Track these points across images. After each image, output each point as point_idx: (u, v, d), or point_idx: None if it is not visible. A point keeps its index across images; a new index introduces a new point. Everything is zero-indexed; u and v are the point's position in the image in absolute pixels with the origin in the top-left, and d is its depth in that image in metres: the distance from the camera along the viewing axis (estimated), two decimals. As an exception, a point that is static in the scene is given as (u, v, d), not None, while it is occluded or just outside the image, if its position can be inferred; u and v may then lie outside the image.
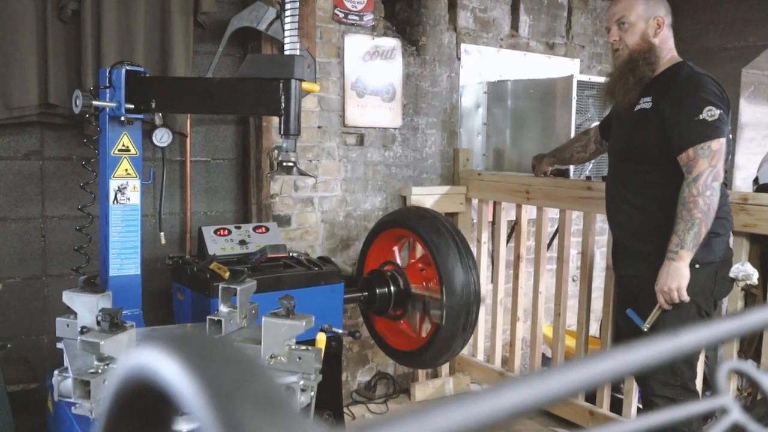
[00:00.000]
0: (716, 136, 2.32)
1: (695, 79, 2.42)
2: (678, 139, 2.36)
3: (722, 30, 5.02)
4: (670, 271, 2.34)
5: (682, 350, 0.42)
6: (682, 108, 2.37)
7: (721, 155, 2.33)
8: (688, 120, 2.34)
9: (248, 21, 3.22)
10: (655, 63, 2.51)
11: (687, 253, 2.32)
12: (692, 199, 2.31)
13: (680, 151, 2.35)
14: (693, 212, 2.30)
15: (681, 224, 2.32)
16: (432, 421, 0.34)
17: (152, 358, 0.32)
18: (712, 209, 2.32)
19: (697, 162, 2.31)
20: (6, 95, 2.82)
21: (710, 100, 2.33)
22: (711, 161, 2.31)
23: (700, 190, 2.30)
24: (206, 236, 3.10)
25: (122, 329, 1.95)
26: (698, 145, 2.31)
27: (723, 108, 2.35)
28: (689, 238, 2.31)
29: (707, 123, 2.31)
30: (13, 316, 3.01)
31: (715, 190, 2.32)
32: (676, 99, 2.40)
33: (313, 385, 2.08)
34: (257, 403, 0.29)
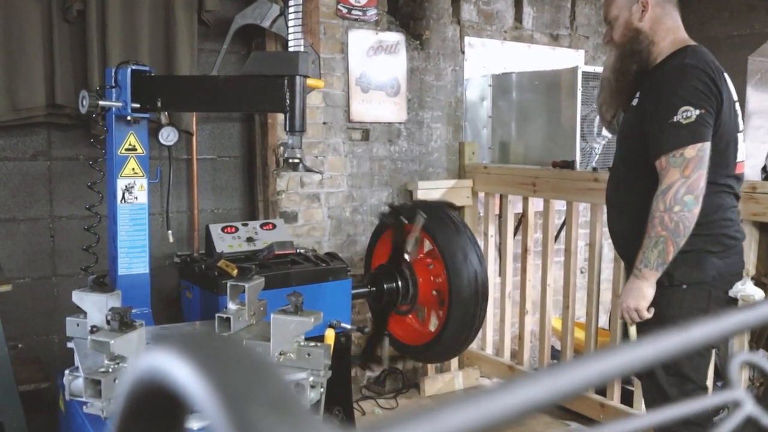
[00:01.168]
0: (691, 142, 2.02)
1: (677, 72, 2.11)
2: (651, 144, 2.11)
3: (727, 18, 4.98)
4: (632, 289, 2.15)
5: (692, 344, 0.42)
6: (657, 108, 2.10)
7: (698, 163, 2.02)
8: (661, 122, 2.06)
9: (252, 18, 3.22)
10: (648, 48, 2.21)
11: (650, 272, 2.10)
12: (658, 214, 2.05)
13: (654, 158, 2.09)
14: (657, 229, 2.05)
15: (646, 240, 2.09)
16: (444, 419, 0.34)
17: (164, 359, 0.32)
18: (684, 226, 2.03)
19: (668, 171, 2.04)
20: (13, 96, 2.83)
21: (687, 99, 2.03)
22: (683, 171, 2.02)
23: (668, 205, 2.03)
24: (214, 234, 3.11)
25: (132, 328, 1.96)
26: (669, 153, 2.04)
27: (707, 106, 2.04)
28: (653, 256, 2.08)
29: (681, 126, 2.02)
30: (24, 316, 3.03)
31: (687, 205, 2.03)
32: (653, 97, 2.13)
33: (322, 381, 2.09)
34: (269, 404, 0.29)
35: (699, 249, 2.14)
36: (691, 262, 2.14)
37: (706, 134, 2.04)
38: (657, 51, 2.21)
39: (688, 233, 2.04)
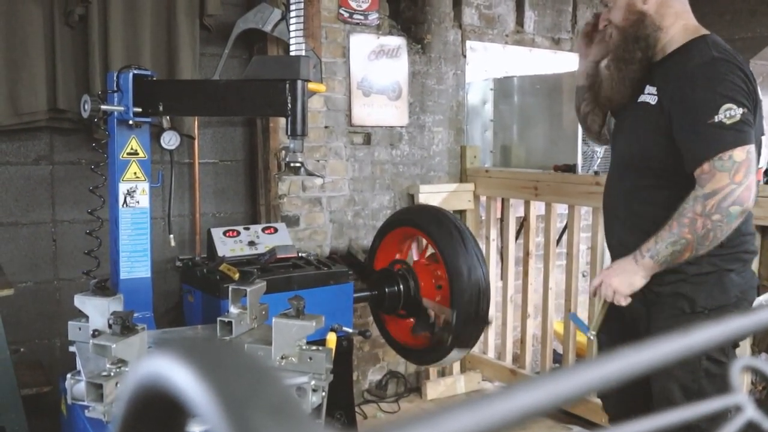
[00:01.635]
0: (740, 143, 1.76)
1: (711, 68, 1.85)
2: (689, 149, 1.84)
3: (729, 21, 4.99)
4: (624, 271, 1.92)
5: (695, 349, 0.42)
6: (692, 107, 1.83)
7: (749, 168, 1.76)
8: (700, 124, 1.80)
9: (253, 23, 3.22)
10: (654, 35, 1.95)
11: (654, 266, 1.88)
12: (691, 215, 1.79)
13: (693, 165, 1.82)
14: (684, 230, 1.80)
15: (666, 233, 1.83)
16: (446, 423, 0.34)
17: (165, 364, 0.32)
18: (714, 238, 1.79)
19: (714, 176, 1.76)
20: (15, 101, 2.84)
21: (730, 96, 1.78)
22: (734, 176, 1.75)
23: (708, 210, 1.77)
24: (215, 238, 3.11)
25: (134, 332, 1.96)
26: (715, 157, 1.76)
27: (748, 105, 1.80)
28: (665, 253, 1.84)
29: (725, 127, 1.76)
30: (26, 320, 3.03)
31: (730, 217, 1.76)
32: (684, 94, 1.85)
33: (324, 385, 2.08)
34: (270, 409, 0.29)
35: (721, 269, 1.92)
36: (713, 284, 1.92)
37: (752, 136, 1.80)
38: (666, 38, 1.95)
39: (713, 246, 1.82)
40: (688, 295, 1.92)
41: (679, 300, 1.94)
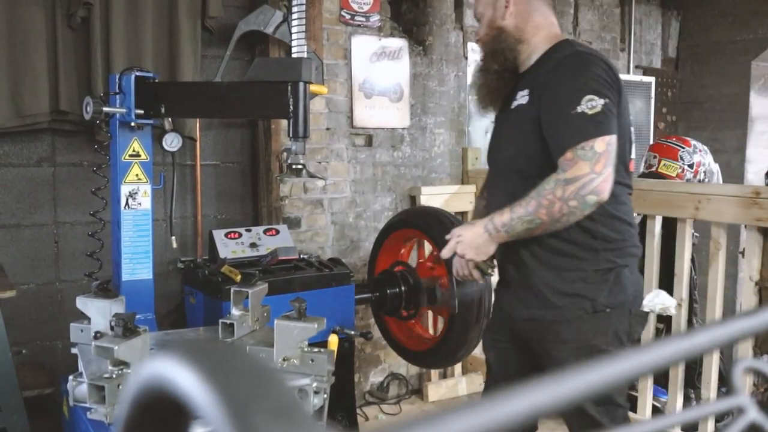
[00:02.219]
0: (600, 134, 1.80)
1: (574, 60, 1.91)
2: (553, 139, 1.88)
3: (731, 23, 4.99)
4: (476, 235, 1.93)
5: (697, 350, 0.42)
6: (556, 98, 1.87)
7: (608, 159, 1.80)
8: (563, 114, 1.83)
9: (255, 25, 3.23)
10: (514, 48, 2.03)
11: (500, 235, 1.90)
12: (551, 197, 1.81)
13: (558, 154, 1.84)
14: (540, 211, 1.82)
15: (521, 209, 1.85)
16: (448, 425, 0.34)
17: (168, 366, 0.32)
18: (564, 224, 1.84)
19: (577, 163, 1.79)
20: (17, 103, 2.84)
21: (591, 86, 1.83)
22: (594, 166, 1.78)
23: (567, 195, 1.79)
24: (217, 239, 3.12)
25: (136, 334, 1.96)
26: (577, 146, 1.79)
27: (611, 96, 1.85)
28: (519, 229, 1.87)
29: (587, 117, 1.80)
30: (28, 322, 3.03)
31: (585, 205, 1.80)
32: (550, 86, 1.91)
33: (326, 387, 2.08)
34: (273, 411, 0.29)
35: (618, 265, 1.96)
36: (612, 281, 1.95)
37: (614, 126, 1.84)
38: (529, 49, 2.03)
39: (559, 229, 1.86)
40: (590, 295, 1.94)
41: (581, 301, 1.95)
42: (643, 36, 5.09)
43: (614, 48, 4.87)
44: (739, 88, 4.94)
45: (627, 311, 1.98)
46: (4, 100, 2.81)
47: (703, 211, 2.87)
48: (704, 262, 3.06)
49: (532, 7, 2.04)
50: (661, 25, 5.23)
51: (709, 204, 2.84)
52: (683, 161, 3.46)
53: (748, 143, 4.94)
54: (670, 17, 5.25)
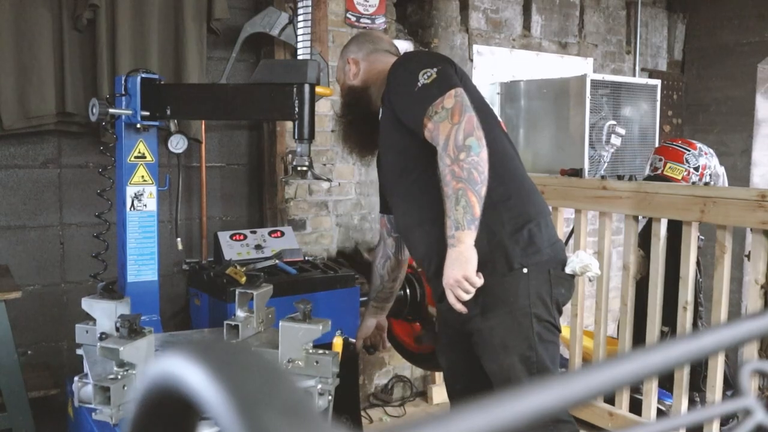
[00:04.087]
0: (445, 90, 1.91)
1: (400, 59, 2.14)
2: (411, 120, 1.99)
3: (737, 26, 4.98)
4: (453, 260, 1.88)
5: (704, 351, 0.42)
6: (398, 89, 2.03)
7: (462, 107, 1.89)
8: (409, 95, 1.97)
9: (261, 26, 3.23)
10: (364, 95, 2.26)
11: (465, 233, 1.87)
12: (447, 170, 1.87)
13: (420, 131, 1.95)
14: (452, 184, 1.86)
15: (447, 203, 1.88)
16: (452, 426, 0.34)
17: (176, 365, 0.33)
18: (478, 172, 1.86)
19: (439, 128, 1.89)
20: (24, 104, 2.85)
21: (421, 64, 1.99)
22: (452, 119, 1.88)
23: (453, 156, 1.86)
24: (222, 241, 3.12)
25: (141, 335, 1.97)
26: (430, 112, 1.91)
27: (441, 64, 1.99)
28: (460, 215, 1.86)
29: (428, 86, 1.93)
30: (34, 323, 3.04)
31: (473, 149, 1.85)
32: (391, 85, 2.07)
33: (330, 388, 2.08)
34: (282, 410, 0.29)
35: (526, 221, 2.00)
36: (524, 240, 1.98)
37: (455, 81, 1.95)
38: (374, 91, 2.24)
39: (485, 180, 1.87)
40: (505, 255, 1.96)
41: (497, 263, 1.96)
42: (649, 39, 5.08)
43: (620, 50, 4.87)
44: (745, 91, 4.93)
45: (546, 271, 2.00)
46: (10, 102, 2.82)
47: (709, 214, 2.86)
48: (710, 266, 3.05)
49: (371, 61, 2.27)
50: (667, 28, 5.22)
51: (714, 207, 2.84)
52: (689, 164, 3.45)
53: (753, 146, 4.92)
54: (676, 20, 5.25)
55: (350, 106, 2.32)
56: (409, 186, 2.12)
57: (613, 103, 3.89)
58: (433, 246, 2.05)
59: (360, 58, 2.28)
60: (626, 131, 3.87)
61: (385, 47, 2.33)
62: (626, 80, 4.02)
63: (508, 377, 2.00)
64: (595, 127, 3.77)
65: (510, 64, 4.26)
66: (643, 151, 4.05)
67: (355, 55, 2.29)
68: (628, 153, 4.01)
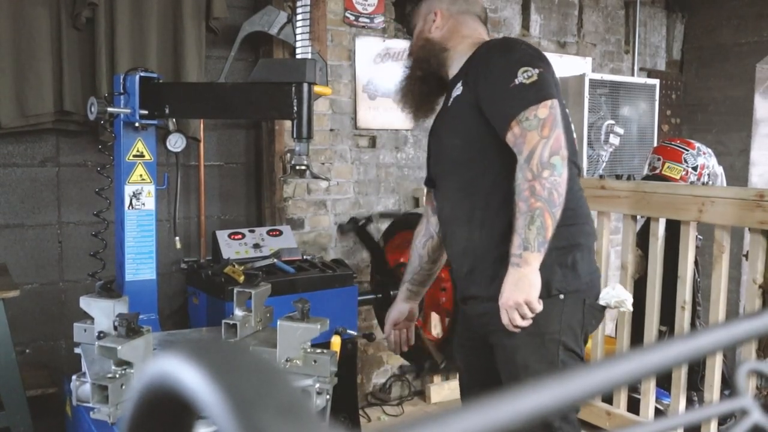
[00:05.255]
0: (542, 99, 1.79)
1: (501, 42, 2.01)
2: (497, 116, 1.86)
3: (736, 26, 4.98)
4: (516, 282, 1.76)
5: (701, 352, 0.42)
6: (492, 78, 1.87)
7: (554, 122, 1.79)
8: (503, 90, 1.83)
9: (260, 25, 3.23)
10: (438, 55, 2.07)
11: (533, 255, 1.76)
12: (527, 185, 1.76)
13: (503, 131, 1.83)
14: (530, 201, 1.75)
15: (520, 220, 1.77)
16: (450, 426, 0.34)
17: (173, 365, 0.33)
18: (557, 194, 1.76)
19: (525, 137, 1.78)
20: (22, 103, 2.85)
21: (525, 60, 1.84)
22: (542, 131, 1.77)
23: (536, 172, 1.75)
24: (220, 240, 3.12)
25: (139, 334, 1.97)
26: (521, 116, 1.79)
27: (544, 67, 1.85)
28: (532, 235, 1.75)
29: (525, 87, 1.80)
30: (32, 322, 3.04)
31: (556, 168, 1.76)
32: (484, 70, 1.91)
33: (328, 388, 2.08)
34: (279, 410, 0.29)
35: (573, 244, 1.89)
36: (566, 264, 1.88)
37: (553, 92, 1.83)
38: (452, 56, 2.07)
39: (562, 203, 1.77)
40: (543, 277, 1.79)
41: None
42: (648, 38, 5.09)
43: (618, 50, 4.87)
44: (743, 91, 4.93)
45: (581, 301, 1.90)
46: (8, 101, 2.82)
47: (707, 214, 2.86)
48: (708, 265, 3.06)
49: (458, 21, 2.10)
50: (665, 28, 5.22)
51: (712, 207, 2.84)
52: (687, 164, 3.45)
53: (752, 146, 4.93)
54: (674, 19, 5.25)
55: (420, 62, 2.13)
56: (467, 180, 1.98)
57: (612, 103, 3.89)
58: (473, 249, 1.97)
59: (449, 12, 2.10)
60: (625, 131, 3.87)
61: (477, 11, 2.16)
62: (625, 80, 4.02)
63: None
64: (594, 126, 3.78)
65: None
66: (641, 150, 4.05)
67: (445, 8, 2.10)
68: (627, 152, 4.01)
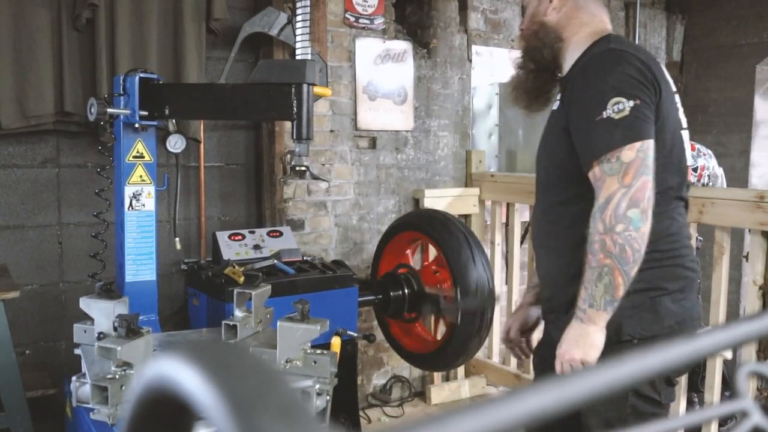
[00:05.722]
0: (628, 141, 1.60)
1: (601, 59, 1.72)
2: (580, 150, 1.70)
3: (735, 27, 4.98)
4: (577, 337, 1.65)
5: (701, 354, 0.42)
6: (582, 103, 1.69)
7: (639, 167, 1.59)
8: (588, 122, 1.65)
9: (260, 26, 3.23)
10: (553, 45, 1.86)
11: (598, 314, 1.62)
12: (597, 237, 1.60)
13: (587, 168, 1.67)
14: (599, 257, 1.60)
15: (588, 273, 1.63)
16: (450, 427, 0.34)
17: (172, 366, 0.32)
18: (632, 250, 1.58)
19: (605, 182, 1.61)
20: (22, 104, 2.85)
21: (619, 88, 1.63)
22: (623, 179, 1.59)
23: (608, 225, 1.59)
24: (220, 241, 3.12)
25: (139, 335, 1.97)
26: (603, 158, 1.61)
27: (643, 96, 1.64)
28: (598, 293, 1.61)
29: (613, 123, 1.61)
30: (32, 323, 3.04)
31: (633, 222, 1.58)
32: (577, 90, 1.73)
33: (328, 389, 2.08)
34: (277, 412, 0.29)
35: (653, 287, 1.71)
36: (645, 307, 1.70)
37: (646, 130, 1.63)
38: (567, 47, 1.85)
39: (638, 259, 1.60)
40: (615, 319, 1.65)
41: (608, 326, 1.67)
42: (648, 39, 5.09)
43: (618, 51, 4.87)
44: (743, 92, 4.93)
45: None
46: (9, 102, 2.82)
47: (707, 215, 2.86)
48: (708, 266, 3.06)
49: (578, 4, 1.86)
50: (665, 29, 5.22)
51: (713, 208, 2.84)
52: None
53: (752, 147, 4.93)
54: (674, 21, 5.25)
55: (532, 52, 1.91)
56: (549, 206, 1.87)
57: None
58: (551, 278, 1.87)
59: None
60: (625, 132, 3.86)
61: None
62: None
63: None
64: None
65: (509, 64, 4.26)
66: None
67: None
68: (627, 154, 4.01)
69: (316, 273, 3.00)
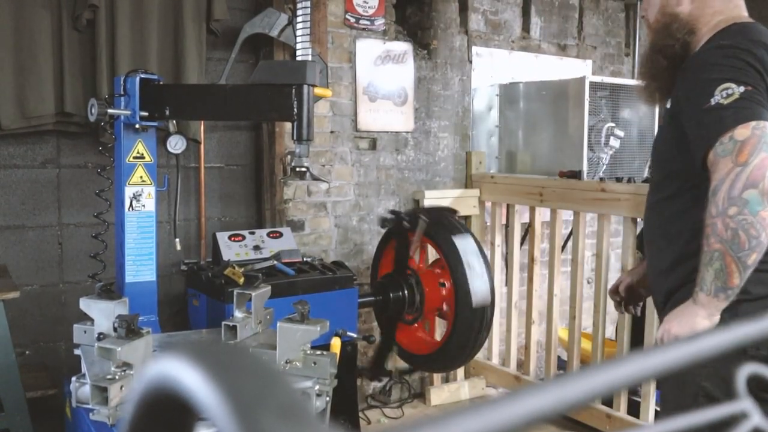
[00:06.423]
0: (742, 121, 1.51)
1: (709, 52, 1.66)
2: (692, 143, 1.62)
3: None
4: (683, 314, 1.60)
5: (702, 356, 0.42)
6: (690, 96, 1.63)
7: (757, 144, 1.48)
8: (699, 111, 1.58)
9: (260, 27, 3.24)
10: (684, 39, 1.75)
11: (708, 299, 1.54)
12: (710, 221, 1.52)
13: (701, 160, 1.59)
14: (710, 241, 1.52)
15: (702, 256, 1.56)
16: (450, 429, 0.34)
17: (173, 366, 0.33)
18: (747, 236, 1.47)
19: (717, 164, 1.52)
20: (23, 104, 2.85)
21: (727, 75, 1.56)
22: (738, 157, 1.49)
23: (720, 208, 1.49)
24: (221, 242, 3.12)
25: (139, 335, 1.97)
26: (715, 143, 1.53)
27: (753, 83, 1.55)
28: (709, 277, 1.53)
29: (722, 107, 1.53)
30: (32, 323, 3.04)
31: (749, 204, 1.46)
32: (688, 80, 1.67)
33: (328, 389, 2.08)
34: (279, 412, 0.29)
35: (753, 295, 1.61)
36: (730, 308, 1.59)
37: (759, 113, 1.52)
38: (699, 40, 1.75)
39: (758, 246, 1.48)
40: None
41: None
42: (648, 41, 5.09)
43: (619, 53, 4.87)
44: None
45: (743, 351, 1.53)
46: (9, 102, 2.82)
47: (707, 217, 2.86)
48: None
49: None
50: (665, 30, 5.22)
51: (713, 209, 2.83)
52: None
53: None
54: (674, 22, 5.24)
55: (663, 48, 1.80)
56: (655, 201, 1.82)
57: (612, 105, 3.89)
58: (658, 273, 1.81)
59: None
60: (625, 133, 3.87)
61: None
62: (625, 82, 4.02)
63: None
64: (594, 129, 3.78)
65: (509, 65, 4.26)
66: (641, 153, 4.05)
67: None
68: (627, 155, 4.01)
69: (316, 274, 3.00)
